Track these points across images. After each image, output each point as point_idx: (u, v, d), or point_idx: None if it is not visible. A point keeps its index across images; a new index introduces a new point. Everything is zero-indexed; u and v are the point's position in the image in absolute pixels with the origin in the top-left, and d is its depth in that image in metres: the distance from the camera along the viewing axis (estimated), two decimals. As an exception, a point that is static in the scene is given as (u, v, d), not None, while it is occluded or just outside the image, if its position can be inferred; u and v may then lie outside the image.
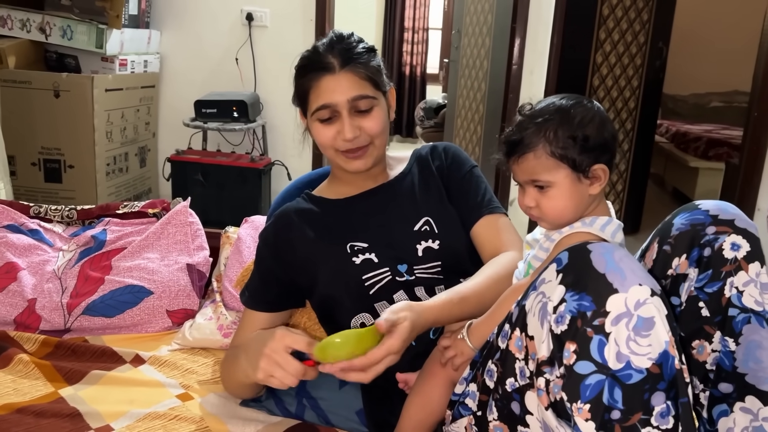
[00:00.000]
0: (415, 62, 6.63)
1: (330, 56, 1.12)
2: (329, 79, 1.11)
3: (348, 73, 1.11)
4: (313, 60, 1.14)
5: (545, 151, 0.91)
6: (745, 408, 0.87)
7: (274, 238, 1.22)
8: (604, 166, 0.93)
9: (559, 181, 0.92)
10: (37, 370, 1.26)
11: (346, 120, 1.12)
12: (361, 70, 1.12)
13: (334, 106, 1.12)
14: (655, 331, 0.74)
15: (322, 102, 1.12)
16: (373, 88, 1.13)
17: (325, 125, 1.14)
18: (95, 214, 1.69)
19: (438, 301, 1.00)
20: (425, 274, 1.15)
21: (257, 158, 3.07)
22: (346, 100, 1.11)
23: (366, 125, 1.13)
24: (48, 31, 2.90)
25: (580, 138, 0.90)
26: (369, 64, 1.14)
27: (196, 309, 1.48)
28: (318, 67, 1.12)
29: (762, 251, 0.89)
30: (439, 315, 1.00)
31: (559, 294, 0.78)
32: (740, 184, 3.16)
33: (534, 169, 0.93)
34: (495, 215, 1.20)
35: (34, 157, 2.94)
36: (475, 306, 1.02)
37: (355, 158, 1.16)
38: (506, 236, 1.17)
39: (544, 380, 0.80)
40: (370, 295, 1.13)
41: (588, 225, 0.93)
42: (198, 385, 1.26)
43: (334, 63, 1.11)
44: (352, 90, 1.11)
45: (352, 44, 1.14)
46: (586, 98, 0.95)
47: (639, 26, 3.41)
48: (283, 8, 3.29)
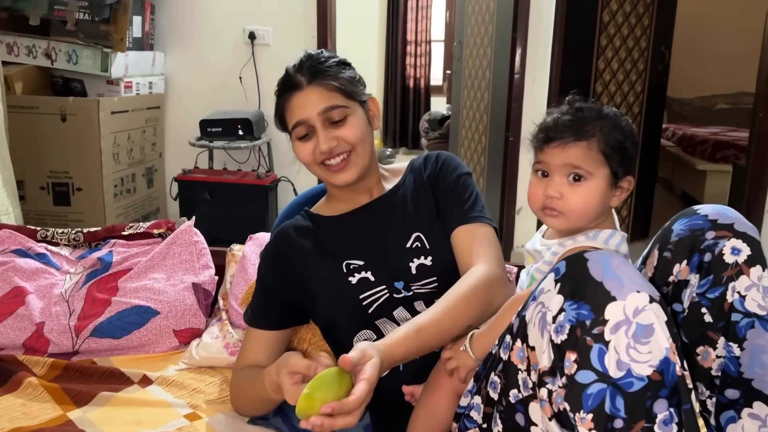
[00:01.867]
0: (418, 74, 6.66)
1: (298, 75, 1.14)
2: (298, 96, 1.13)
3: (316, 87, 1.13)
4: (284, 81, 1.17)
5: (598, 144, 0.92)
6: (753, 414, 0.87)
7: (273, 256, 1.22)
8: (631, 179, 0.95)
9: (597, 177, 0.93)
10: (46, 393, 1.27)
11: (320, 132, 1.13)
12: (329, 82, 1.13)
13: (308, 121, 1.13)
14: (655, 338, 0.73)
15: (296, 119, 1.14)
16: (345, 98, 1.14)
17: (303, 142, 1.15)
18: (101, 236, 1.70)
19: (394, 338, 0.96)
20: (423, 290, 1.15)
21: (263, 175, 3.09)
22: (317, 113, 1.12)
23: (342, 134, 1.13)
24: (54, 57, 2.95)
25: (629, 146, 0.93)
26: (338, 76, 1.15)
27: (203, 328, 1.49)
28: (288, 87, 1.15)
29: (763, 254, 0.89)
30: (395, 353, 0.95)
31: (558, 303, 0.78)
32: (748, 185, 3.14)
33: (581, 157, 0.92)
34: (474, 224, 1.17)
35: (42, 181, 2.97)
36: (432, 335, 0.98)
37: (338, 170, 1.16)
38: (481, 248, 1.13)
39: (547, 391, 0.80)
40: (369, 314, 1.13)
41: (592, 239, 0.93)
42: (206, 405, 1.26)
43: (302, 80, 1.14)
44: (321, 102, 1.12)
45: (320, 60, 1.16)
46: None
47: (640, 31, 3.41)
48: (284, 26, 3.32)
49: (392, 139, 6.82)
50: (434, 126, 5.26)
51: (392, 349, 0.94)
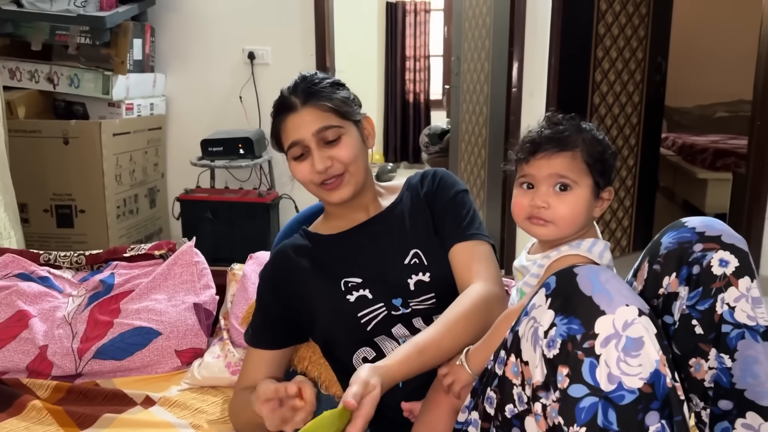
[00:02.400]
0: (418, 89, 6.71)
1: (293, 97, 1.16)
2: (293, 117, 1.15)
3: (310, 108, 1.15)
4: (278, 104, 1.19)
5: (582, 154, 0.95)
6: (747, 424, 0.87)
7: (272, 276, 1.24)
8: (612, 189, 0.98)
9: (582, 189, 0.96)
10: (50, 417, 1.28)
11: (315, 152, 1.14)
12: (323, 103, 1.15)
13: (302, 141, 1.15)
14: (645, 351, 0.74)
15: (291, 140, 1.16)
16: (339, 118, 1.16)
17: (299, 162, 1.17)
18: (103, 258, 1.72)
19: (396, 358, 0.97)
20: (421, 306, 1.15)
21: (265, 193, 3.11)
22: (311, 133, 1.14)
23: (336, 154, 1.15)
24: (56, 81, 2.99)
25: (607, 156, 0.97)
26: (332, 97, 1.17)
27: (205, 348, 1.50)
28: (283, 109, 1.17)
29: (752, 265, 0.90)
30: (397, 373, 0.97)
31: (549, 318, 0.79)
32: (748, 193, 3.15)
33: (566, 167, 0.95)
34: (472, 242, 1.17)
35: (46, 204, 3.00)
36: (433, 355, 1.00)
37: (332, 189, 1.17)
38: (478, 266, 1.14)
39: (541, 405, 0.81)
40: (368, 331, 1.14)
41: (575, 247, 0.94)
42: (207, 425, 1.27)
43: (296, 102, 1.16)
44: (315, 123, 1.14)
45: (314, 81, 1.18)
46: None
47: (636, 42, 3.44)
48: (283, 45, 3.36)
49: (393, 153, 6.85)
50: (434, 140, 5.29)
51: (394, 369, 0.96)
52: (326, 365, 1.27)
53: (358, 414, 0.88)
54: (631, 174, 3.59)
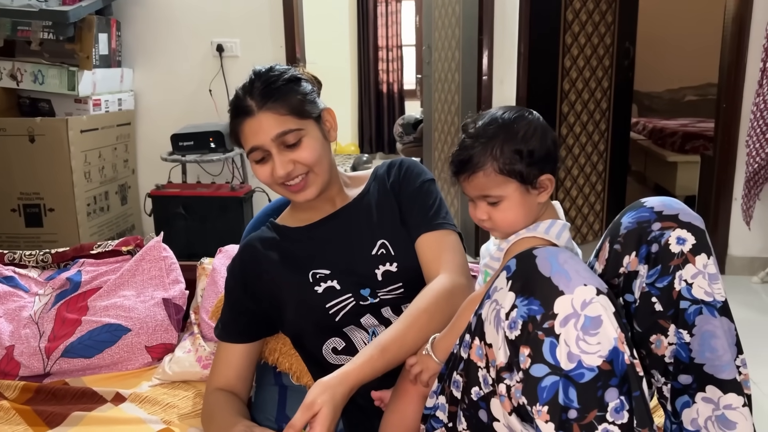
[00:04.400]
0: (391, 79, 6.70)
1: (248, 99, 1.11)
2: (250, 123, 1.11)
3: (266, 113, 1.10)
4: (235, 105, 1.14)
5: (494, 168, 0.94)
6: (707, 398, 0.89)
7: (240, 269, 1.23)
8: (550, 175, 0.96)
9: (509, 195, 0.96)
10: (18, 416, 1.26)
11: (276, 157, 1.12)
12: (279, 106, 1.11)
13: (262, 147, 1.12)
14: (603, 329, 0.76)
15: (250, 145, 1.13)
16: (298, 119, 1.12)
17: (260, 165, 1.15)
18: (70, 256, 1.70)
19: (358, 362, 0.98)
20: (389, 296, 1.16)
21: (237, 187, 3.09)
22: (270, 139, 1.11)
23: (298, 157, 1.13)
24: (19, 78, 2.93)
25: (526, 153, 0.94)
26: (289, 96, 1.12)
27: (175, 343, 1.49)
28: (239, 112, 1.13)
29: (708, 243, 0.91)
30: (360, 375, 0.98)
31: (510, 300, 0.80)
32: (716, 175, 3.20)
33: (484, 186, 0.96)
34: (438, 231, 1.18)
35: (13, 203, 2.95)
36: (396, 352, 1.01)
37: (297, 191, 1.16)
38: (444, 255, 1.15)
39: (505, 386, 0.82)
40: (336, 322, 1.14)
41: (532, 230, 0.96)
42: (179, 420, 1.26)
43: (252, 105, 1.11)
44: (273, 129, 1.10)
45: (270, 80, 1.13)
46: (525, 109, 0.99)
47: (604, 28, 3.47)
48: (252, 37, 3.33)
49: (368, 144, 6.85)
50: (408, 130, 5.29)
51: (355, 373, 0.98)
52: (297, 356, 1.27)
53: None
54: (602, 159, 3.63)
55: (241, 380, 1.23)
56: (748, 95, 2.99)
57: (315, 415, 0.91)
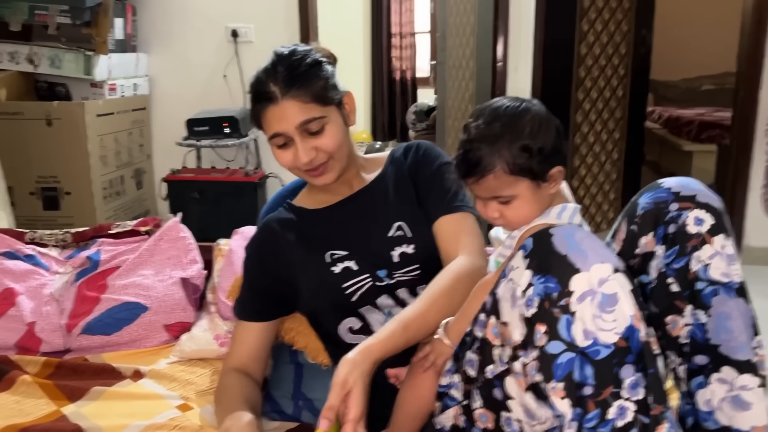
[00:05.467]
0: (404, 67, 6.67)
1: (271, 84, 1.10)
2: (274, 109, 1.11)
3: (290, 101, 1.09)
4: (257, 90, 1.13)
5: (504, 170, 0.91)
6: (722, 378, 0.89)
7: (258, 249, 1.25)
8: (560, 167, 0.94)
9: (521, 193, 0.93)
10: (40, 390, 1.29)
11: (299, 145, 1.12)
12: (303, 93, 1.10)
13: (285, 134, 1.12)
14: (620, 307, 0.76)
15: (273, 131, 1.13)
16: (321, 106, 1.12)
17: (282, 150, 1.15)
18: (89, 235, 1.72)
19: (381, 337, 0.99)
20: (405, 277, 1.17)
21: (252, 172, 3.11)
22: (294, 127, 1.11)
23: (320, 144, 1.13)
24: (37, 62, 2.95)
25: (536, 150, 0.91)
26: (312, 82, 1.11)
27: (192, 321, 1.51)
28: (262, 98, 1.12)
29: (726, 224, 0.91)
30: (383, 350, 0.98)
31: (527, 279, 0.81)
32: (733, 164, 3.18)
33: (495, 188, 0.93)
34: (456, 214, 1.18)
35: (31, 187, 2.98)
36: (418, 330, 1.02)
37: (317, 176, 1.17)
38: (463, 238, 1.15)
39: (521, 364, 0.83)
40: (353, 302, 1.15)
41: (544, 217, 0.95)
42: (197, 396, 1.28)
43: (275, 92, 1.10)
44: (297, 116, 1.10)
45: (293, 64, 1.12)
46: (526, 101, 0.95)
47: (621, 15, 3.44)
48: (266, 22, 3.33)
49: (381, 132, 6.83)
50: (421, 117, 5.28)
51: (378, 347, 0.98)
52: (313, 335, 1.29)
53: (347, 419, 0.91)
54: (617, 147, 3.61)
55: (256, 360, 1.24)
56: (766, 84, 2.97)
57: (347, 393, 0.92)
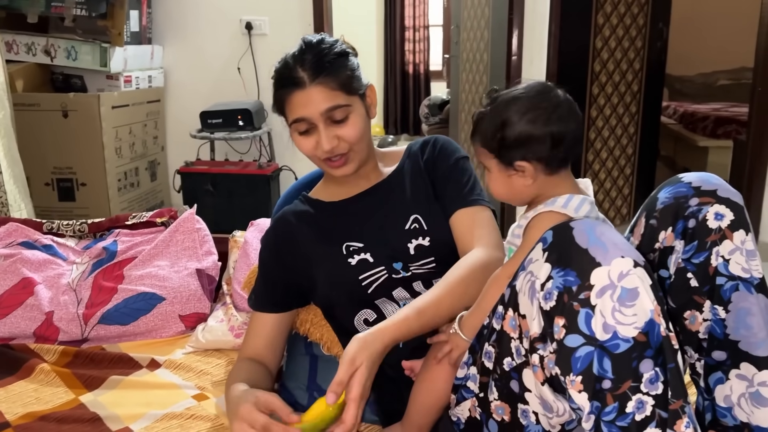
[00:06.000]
0: (417, 60, 6.66)
1: (300, 69, 1.11)
2: (300, 94, 1.11)
3: (318, 86, 1.10)
4: (283, 74, 1.14)
5: (481, 141, 0.98)
6: (741, 374, 0.89)
7: (274, 241, 1.25)
8: (530, 164, 0.94)
9: (492, 168, 0.99)
10: (58, 379, 1.31)
11: (322, 132, 1.12)
12: (331, 80, 1.11)
13: (309, 119, 1.12)
14: (640, 301, 0.75)
15: (297, 116, 1.13)
16: (347, 95, 1.13)
17: (304, 137, 1.15)
18: (106, 226, 1.74)
19: (395, 320, 1.00)
20: (421, 270, 1.17)
21: (265, 165, 3.12)
22: (319, 113, 1.11)
23: (343, 134, 1.13)
24: (53, 54, 2.98)
25: (498, 136, 0.95)
26: (340, 71, 1.12)
27: (208, 312, 1.52)
28: (289, 82, 1.12)
29: (747, 219, 0.91)
30: (396, 334, 0.99)
31: (546, 271, 0.81)
32: (749, 160, 3.14)
33: (478, 153, 1.00)
34: (473, 207, 1.19)
35: (47, 177, 3.01)
36: (432, 316, 1.02)
37: (337, 166, 1.17)
38: (479, 231, 1.16)
39: (538, 356, 0.83)
40: (369, 294, 1.15)
41: (550, 204, 0.95)
42: (212, 386, 1.29)
43: (303, 77, 1.11)
44: (323, 103, 1.11)
45: (322, 52, 1.13)
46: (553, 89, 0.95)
47: (637, 9, 3.41)
48: (281, 15, 3.33)
49: (393, 125, 6.83)
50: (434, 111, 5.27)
51: (391, 330, 0.99)
52: (327, 327, 1.29)
53: (348, 398, 0.92)
54: (632, 142, 3.59)
55: (271, 350, 1.25)
56: (784, 78, 2.93)
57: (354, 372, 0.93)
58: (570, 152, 0.95)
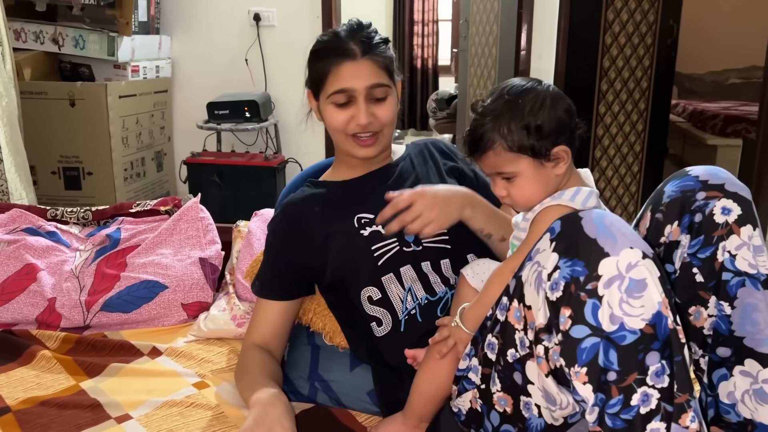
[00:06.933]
0: (426, 55, 6.63)
1: (351, 43, 1.15)
2: (350, 65, 1.14)
3: (368, 61, 1.15)
4: (334, 44, 1.17)
5: (503, 147, 0.94)
6: (745, 371, 0.88)
7: (282, 225, 1.25)
8: (565, 147, 0.94)
9: (523, 171, 0.95)
10: (59, 365, 1.31)
11: (362, 106, 1.15)
12: (380, 59, 1.16)
13: (352, 92, 1.15)
14: (648, 293, 0.75)
15: (341, 86, 1.15)
16: (388, 78, 1.17)
17: (339, 109, 1.17)
18: (109, 214, 1.74)
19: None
20: (432, 245, 1.17)
21: (271, 157, 3.11)
22: (365, 87, 1.14)
23: (380, 113, 1.17)
24: (61, 42, 2.97)
25: (534, 128, 0.92)
26: (386, 54, 1.18)
27: (210, 301, 1.52)
28: (339, 52, 1.15)
29: (754, 214, 0.89)
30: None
31: (553, 261, 0.80)
32: (758, 158, 3.12)
33: (497, 164, 0.96)
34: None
35: (53, 166, 3.02)
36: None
37: (365, 145, 1.19)
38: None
39: (543, 348, 0.82)
40: (379, 267, 1.15)
41: (557, 198, 0.94)
42: (213, 374, 1.29)
43: (355, 50, 1.15)
44: (371, 77, 1.14)
45: (371, 34, 1.18)
46: (535, 80, 0.97)
47: (648, 5, 3.38)
48: (289, 7, 3.32)
49: (400, 120, 6.81)
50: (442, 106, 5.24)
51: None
52: (330, 317, 1.29)
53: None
54: (640, 139, 3.56)
55: (277, 338, 1.25)
56: (796, 77, 2.90)
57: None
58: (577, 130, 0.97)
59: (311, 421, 1.13)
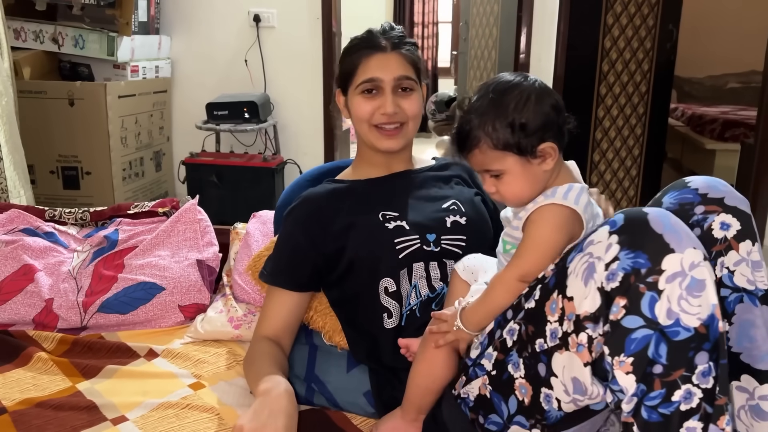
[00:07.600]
0: (426, 56, 6.64)
1: (383, 38, 1.24)
2: (380, 57, 1.23)
3: (397, 55, 1.23)
4: (366, 39, 1.25)
5: (488, 145, 0.94)
6: (741, 387, 0.88)
7: (306, 215, 1.26)
8: (552, 143, 0.94)
9: (509, 168, 0.95)
10: (56, 367, 1.31)
11: (388, 95, 1.21)
12: (408, 55, 1.24)
13: (380, 82, 1.21)
14: (706, 293, 0.75)
15: (369, 75, 1.22)
16: (415, 74, 1.25)
17: (366, 99, 1.23)
18: (107, 215, 1.74)
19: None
20: (450, 247, 1.19)
21: (270, 158, 3.11)
22: (393, 77, 1.21)
23: (405, 105, 1.23)
24: (60, 42, 2.97)
25: (518, 125, 0.92)
26: (415, 53, 1.27)
27: (207, 303, 1.52)
28: (370, 45, 1.24)
29: (754, 228, 0.89)
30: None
31: (613, 252, 0.79)
32: (756, 163, 3.12)
33: (483, 162, 0.96)
34: None
35: (52, 165, 3.01)
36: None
37: (388, 137, 1.24)
38: None
39: (587, 336, 0.81)
40: (398, 260, 1.18)
41: (550, 197, 0.94)
42: (209, 375, 1.29)
43: (386, 44, 1.23)
44: (399, 69, 1.22)
45: (401, 34, 1.27)
46: (522, 75, 0.97)
47: (647, 9, 3.38)
48: (289, 8, 3.32)
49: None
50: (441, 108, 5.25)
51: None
52: (332, 315, 1.30)
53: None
54: (639, 143, 3.57)
55: (287, 331, 1.26)
56: (794, 82, 2.90)
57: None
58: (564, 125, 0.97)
59: (307, 424, 1.13)
